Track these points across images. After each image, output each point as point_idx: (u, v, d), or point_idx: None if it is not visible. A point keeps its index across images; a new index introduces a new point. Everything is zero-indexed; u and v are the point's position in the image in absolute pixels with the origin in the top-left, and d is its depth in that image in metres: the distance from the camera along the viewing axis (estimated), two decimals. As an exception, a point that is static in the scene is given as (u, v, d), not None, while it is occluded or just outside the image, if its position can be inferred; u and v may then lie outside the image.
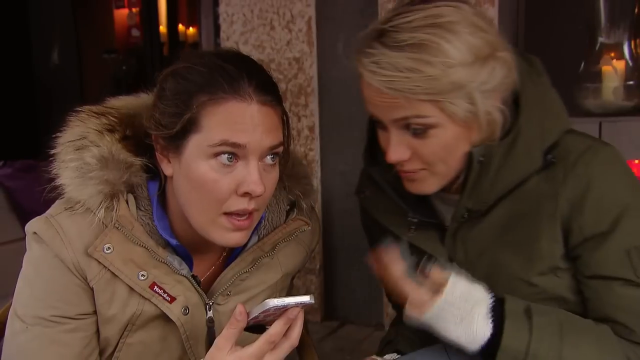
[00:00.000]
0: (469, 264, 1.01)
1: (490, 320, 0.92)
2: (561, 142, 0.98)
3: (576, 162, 0.95)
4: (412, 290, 0.95)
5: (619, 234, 0.93)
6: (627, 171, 0.98)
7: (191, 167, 0.92)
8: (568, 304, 0.98)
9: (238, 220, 0.94)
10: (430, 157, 0.94)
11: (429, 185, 0.98)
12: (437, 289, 0.94)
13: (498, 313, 0.93)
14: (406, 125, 0.93)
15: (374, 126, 1.02)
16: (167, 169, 0.97)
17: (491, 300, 0.94)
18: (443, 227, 1.04)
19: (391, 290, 0.98)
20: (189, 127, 0.91)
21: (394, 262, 0.97)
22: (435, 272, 0.95)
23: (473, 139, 0.95)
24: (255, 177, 0.91)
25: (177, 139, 0.93)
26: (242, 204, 0.93)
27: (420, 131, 0.92)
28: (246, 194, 0.92)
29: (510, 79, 0.94)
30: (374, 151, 1.10)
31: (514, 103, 0.97)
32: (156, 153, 0.97)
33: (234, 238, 0.95)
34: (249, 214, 0.94)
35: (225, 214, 0.93)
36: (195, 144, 0.91)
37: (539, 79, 1.00)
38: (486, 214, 0.99)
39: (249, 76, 0.92)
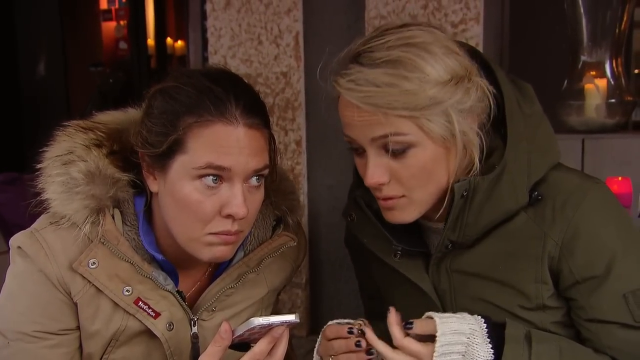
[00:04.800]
0: (453, 293, 1.01)
1: (489, 347, 0.91)
2: (548, 178, 0.96)
3: (565, 203, 0.93)
4: (415, 345, 0.91)
5: (613, 279, 0.92)
6: (617, 211, 0.96)
7: (176, 187, 0.92)
8: None
9: (225, 235, 0.94)
10: (410, 180, 0.93)
11: (408, 213, 0.96)
12: (428, 339, 0.92)
13: (495, 337, 0.92)
14: (384, 145, 0.91)
15: None
16: (152, 185, 0.97)
17: (485, 325, 0.93)
18: (429, 254, 1.03)
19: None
20: (174, 148, 0.91)
21: (395, 326, 0.93)
22: (419, 323, 0.93)
23: (451, 166, 0.93)
24: (239, 200, 0.91)
25: (163, 158, 0.92)
26: (226, 226, 0.93)
27: (399, 151, 0.91)
28: (229, 216, 0.92)
29: (485, 103, 0.94)
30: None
31: (502, 136, 0.96)
32: (142, 170, 0.97)
33: (220, 251, 0.95)
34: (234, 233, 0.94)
35: (211, 233, 0.93)
36: (180, 164, 0.91)
37: (531, 108, 0.98)
38: (471, 247, 0.98)
39: (236, 99, 0.92)
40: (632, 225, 0.97)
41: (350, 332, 0.96)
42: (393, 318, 0.93)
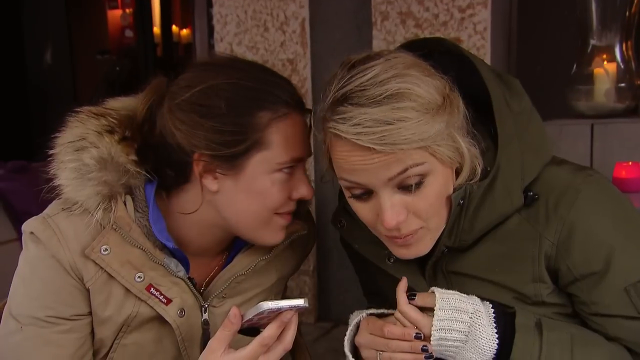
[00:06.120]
0: None
1: (495, 331, 0.91)
2: (541, 176, 0.94)
3: (557, 203, 0.91)
4: (416, 314, 0.93)
5: (613, 273, 0.91)
6: (613, 203, 0.94)
7: (256, 182, 0.95)
8: None
9: (288, 215, 1.01)
10: (428, 210, 0.90)
11: (425, 244, 0.94)
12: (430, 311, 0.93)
13: (503, 325, 0.91)
14: (400, 182, 0.88)
15: None
16: (212, 185, 0.96)
17: (492, 310, 0.93)
18: (424, 257, 1.01)
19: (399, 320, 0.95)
20: (252, 145, 0.93)
21: (402, 293, 0.94)
22: (420, 296, 0.94)
23: (456, 184, 0.92)
24: (307, 182, 1.00)
25: (236, 157, 0.93)
26: (291, 206, 1.01)
27: (417, 183, 0.87)
28: (296, 198, 0.99)
29: (464, 115, 0.92)
30: None
31: (491, 135, 0.94)
32: (195, 171, 0.95)
33: (282, 234, 1.02)
34: None
35: (277, 213, 0.99)
36: (261, 160, 0.94)
37: (520, 105, 0.95)
38: (467, 249, 0.97)
39: (291, 86, 0.97)
40: (632, 214, 0.95)
41: (418, 337, 0.92)
42: (402, 286, 0.95)
